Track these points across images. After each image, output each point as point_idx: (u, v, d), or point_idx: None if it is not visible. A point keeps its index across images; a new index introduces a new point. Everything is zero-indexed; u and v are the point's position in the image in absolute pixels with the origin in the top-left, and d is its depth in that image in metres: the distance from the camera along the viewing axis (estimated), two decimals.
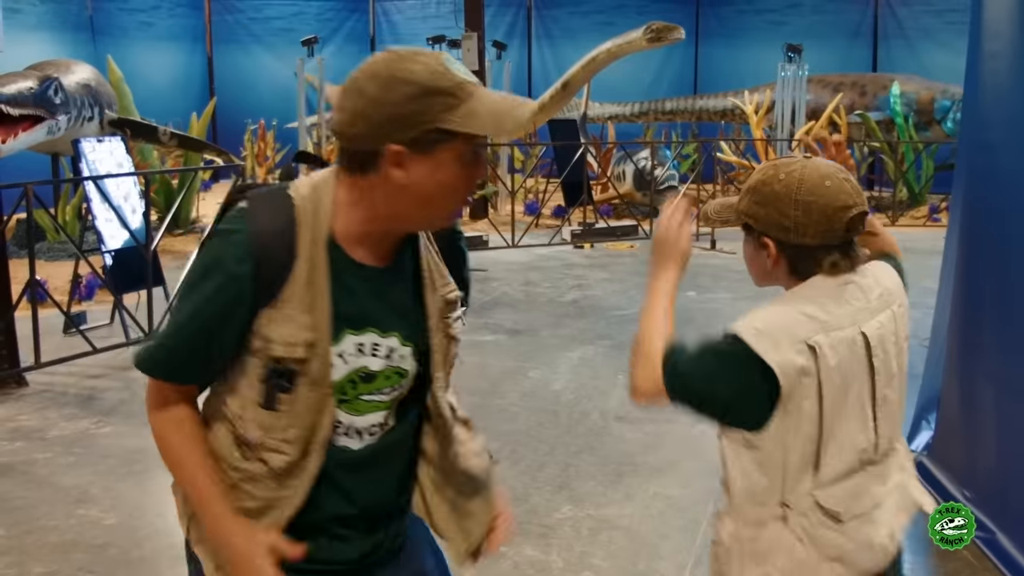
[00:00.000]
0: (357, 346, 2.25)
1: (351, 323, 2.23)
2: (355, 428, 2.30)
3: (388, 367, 2.30)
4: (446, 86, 2.07)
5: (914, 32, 20.54)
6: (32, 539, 5.15)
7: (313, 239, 2.19)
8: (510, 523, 2.67)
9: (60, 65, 13.75)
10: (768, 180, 2.47)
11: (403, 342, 2.30)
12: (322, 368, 2.21)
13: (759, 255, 2.52)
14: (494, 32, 19.87)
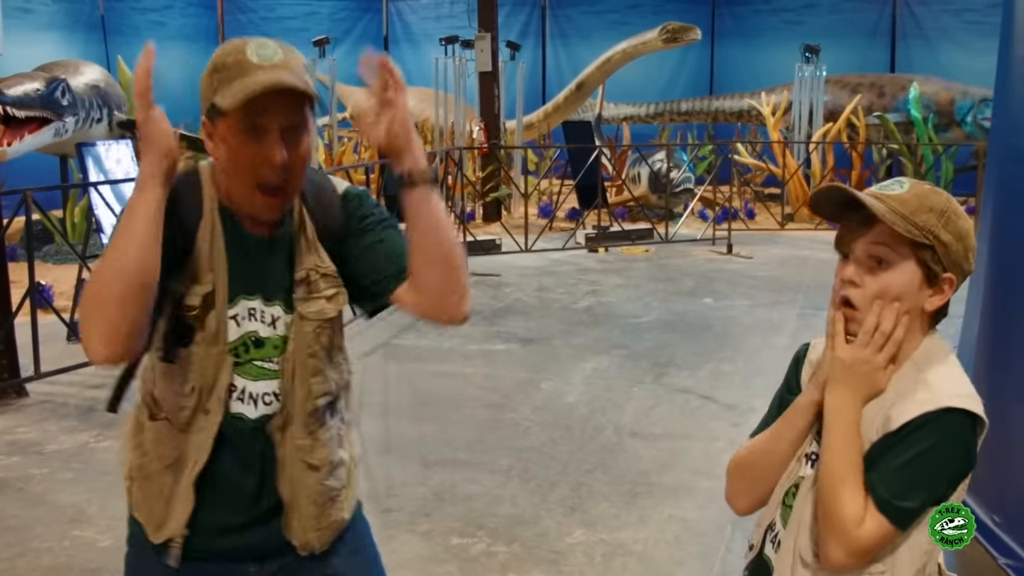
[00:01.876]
0: (249, 310, 2.41)
1: (244, 288, 2.40)
2: (249, 394, 2.43)
3: (275, 335, 2.43)
4: (226, 62, 2.28)
5: (933, 32, 20.30)
6: (24, 562, 4.99)
7: (211, 206, 2.41)
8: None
9: (68, 66, 13.62)
10: (958, 212, 2.14)
11: (286, 311, 2.43)
12: (217, 325, 2.37)
13: (922, 290, 2.14)
14: (508, 32, 19.70)
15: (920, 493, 2.07)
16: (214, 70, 2.30)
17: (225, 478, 2.44)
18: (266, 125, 2.27)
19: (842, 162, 17.12)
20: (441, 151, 14.04)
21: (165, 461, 2.45)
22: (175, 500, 2.45)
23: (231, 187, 2.37)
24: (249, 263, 2.42)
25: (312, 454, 2.48)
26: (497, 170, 15.79)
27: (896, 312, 2.13)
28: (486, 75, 15.87)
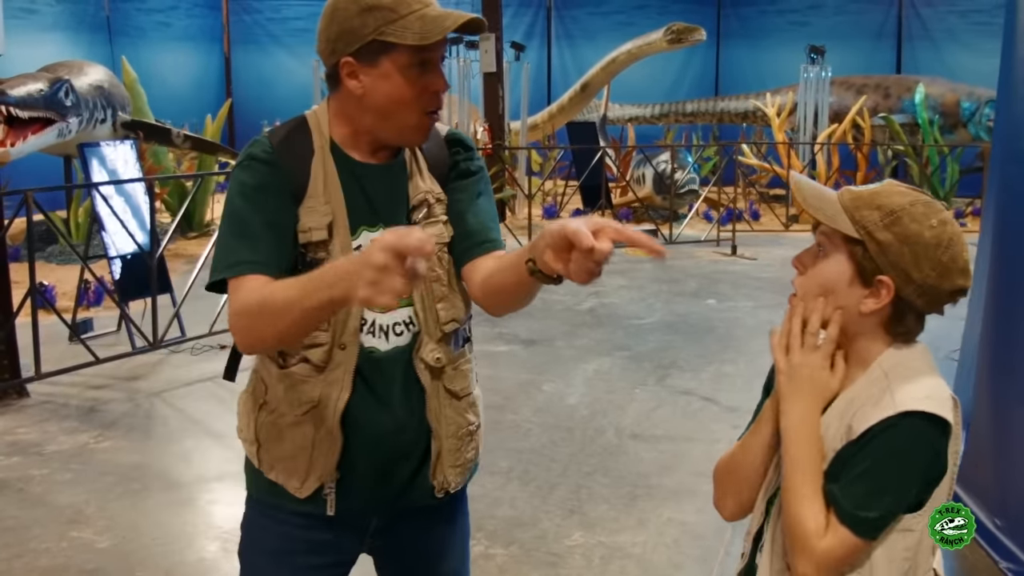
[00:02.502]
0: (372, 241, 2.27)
1: (365, 219, 2.45)
2: (380, 326, 2.45)
3: None
4: (385, 2, 2.33)
5: (939, 33, 20.28)
6: (21, 563, 4.97)
7: (321, 144, 2.46)
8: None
9: (72, 66, 13.61)
10: (917, 217, 2.05)
11: None
12: (342, 255, 2.36)
13: (853, 288, 2.09)
14: (513, 33, 19.69)
15: (883, 501, 2.02)
16: (366, 10, 2.33)
17: (368, 415, 2.45)
18: (433, 58, 2.39)
19: (847, 163, 17.10)
20: None
21: (301, 409, 2.45)
22: (319, 446, 2.45)
23: (382, 122, 2.42)
24: (367, 194, 2.46)
25: (453, 382, 2.53)
26: (501, 171, 15.78)
27: (820, 309, 2.11)
28: (490, 76, 15.86)
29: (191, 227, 14.35)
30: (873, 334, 2.12)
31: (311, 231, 2.40)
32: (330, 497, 2.49)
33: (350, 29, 2.35)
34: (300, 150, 2.45)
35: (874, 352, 2.12)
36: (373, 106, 2.39)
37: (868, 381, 2.10)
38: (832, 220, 2.09)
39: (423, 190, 2.51)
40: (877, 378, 2.09)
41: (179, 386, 7.70)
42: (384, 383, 2.46)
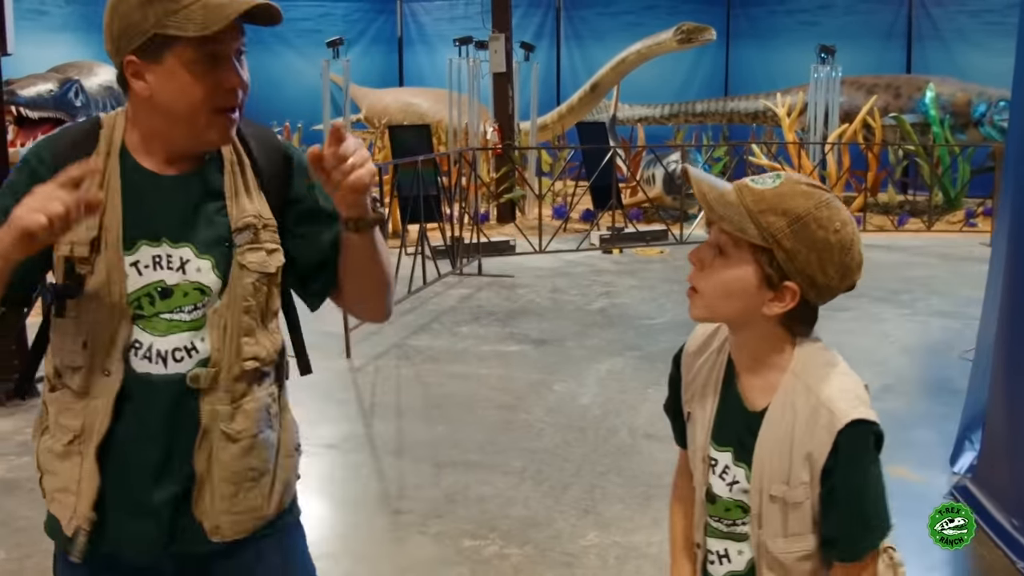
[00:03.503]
0: (153, 258, 2.23)
1: (146, 233, 2.23)
2: (157, 351, 2.24)
3: (184, 281, 2.24)
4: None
5: (949, 33, 20.19)
6: (33, 562, 4.95)
7: (109, 149, 2.25)
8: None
9: (82, 67, 13.66)
10: (824, 223, 2.05)
11: (198, 254, 2.25)
12: (110, 273, 2.20)
13: (759, 292, 2.09)
14: (523, 33, 19.66)
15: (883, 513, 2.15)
16: (147, 2, 2.11)
17: (133, 448, 2.24)
18: (224, 51, 2.17)
19: (858, 163, 17.06)
20: (455, 152, 14.00)
21: (67, 436, 2.27)
22: (82, 481, 2.26)
23: (172, 125, 2.21)
24: (152, 204, 2.24)
25: (231, 422, 2.28)
26: (511, 171, 15.75)
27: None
28: (500, 76, 15.83)
29: None
30: (776, 336, 2.15)
31: (72, 245, 2.19)
32: (79, 539, 2.27)
33: (131, 23, 2.13)
34: (79, 155, 2.18)
35: (782, 357, 2.16)
36: (161, 107, 2.18)
37: (786, 394, 2.14)
38: (739, 229, 2.07)
39: (249, 213, 2.30)
40: (791, 382, 2.14)
41: None
42: (159, 415, 2.24)
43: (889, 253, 13.77)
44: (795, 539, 2.14)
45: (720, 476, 2.23)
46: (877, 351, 8.57)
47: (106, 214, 2.20)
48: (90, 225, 2.18)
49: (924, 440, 6.48)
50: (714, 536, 2.27)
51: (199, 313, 2.25)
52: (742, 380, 2.21)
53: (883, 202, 17.24)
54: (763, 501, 2.15)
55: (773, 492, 2.13)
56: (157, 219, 2.24)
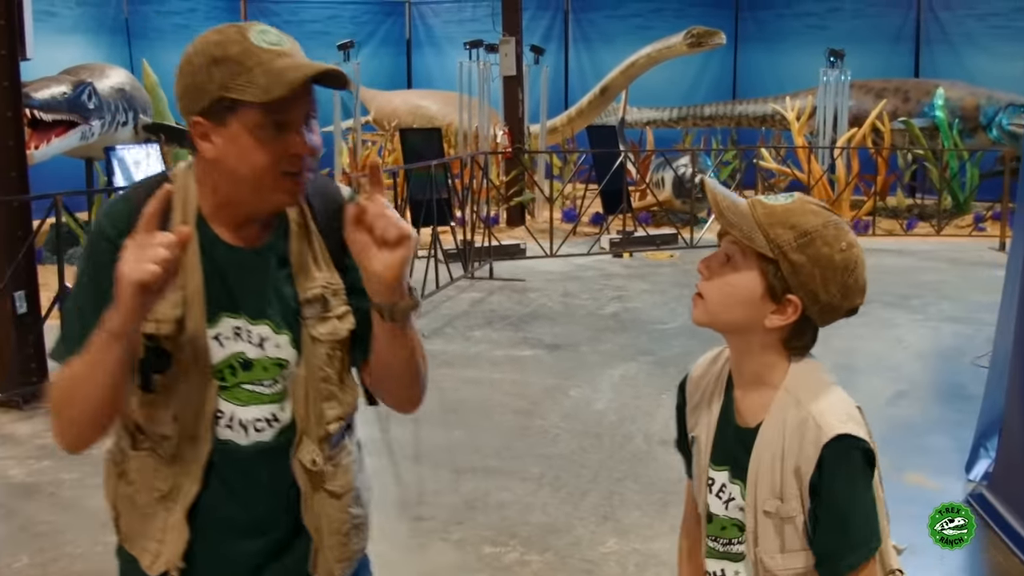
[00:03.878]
0: (234, 329, 2.21)
1: (226, 305, 2.20)
2: (239, 420, 2.24)
3: (264, 357, 2.23)
4: (232, 53, 2.06)
5: (957, 37, 20.18)
6: (57, 567, 4.99)
7: (184, 219, 2.18)
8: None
9: (94, 69, 13.68)
10: (829, 240, 2.11)
11: (276, 330, 2.23)
12: (196, 348, 2.18)
13: (763, 303, 2.14)
14: (531, 36, 19.67)
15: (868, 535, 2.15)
16: (213, 63, 2.06)
17: (221, 509, 2.27)
18: (290, 118, 2.11)
19: (867, 167, 17.05)
20: (466, 155, 14.02)
21: (154, 495, 2.27)
22: (168, 532, 2.28)
23: (238, 189, 2.16)
24: (231, 278, 2.22)
25: (334, 481, 2.33)
26: (521, 174, 15.77)
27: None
28: (510, 79, 15.84)
29: None
30: (774, 350, 2.19)
31: (158, 323, 2.14)
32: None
33: (197, 84, 2.08)
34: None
35: (777, 373, 2.19)
36: (227, 170, 2.13)
37: (779, 409, 2.17)
38: (748, 237, 2.13)
39: (319, 283, 2.26)
40: (783, 397, 2.17)
41: None
42: (244, 479, 2.27)
43: (899, 257, 13.79)
44: (792, 555, 2.17)
45: (717, 495, 2.27)
46: (889, 356, 8.59)
47: (188, 288, 2.17)
48: (173, 301, 2.15)
49: (939, 447, 6.49)
50: (711, 557, 2.30)
51: (279, 387, 2.26)
52: (738, 397, 2.25)
53: (892, 206, 17.25)
54: (758, 517, 2.18)
55: (767, 508, 2.16)
56: (235, 294, 2.22)
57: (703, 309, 2.20)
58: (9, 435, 6.84)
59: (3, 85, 7.29)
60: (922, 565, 4.86)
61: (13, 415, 7.19)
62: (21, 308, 7.35)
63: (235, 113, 2.08)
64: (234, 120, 2.08)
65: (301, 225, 2.28)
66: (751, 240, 2.12)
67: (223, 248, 2.21)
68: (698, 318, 2.23)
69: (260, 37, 2.09)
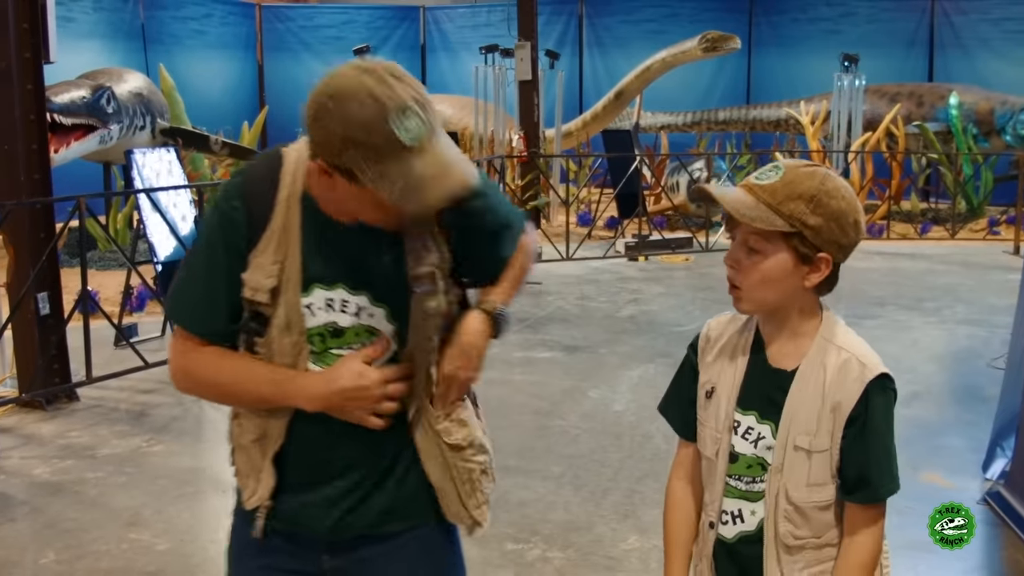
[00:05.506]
0: (327, 300, 2.37)
1: (321, 277, 2.36)
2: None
3: (357, 324, 2.39)
4: (371, 141, 2.09)
5: (971, 41, 20.20)
6: (83, 564, 5.03)
7: (291, 193, 2.35)
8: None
9: (112, 74, 13.76)
10: (832, 193, 2.27)
11: (374, 302, 2.38)
12: (290, 315, 2.35)
13: (797, 270, 2.30)
14: (545, 41, 19.70)
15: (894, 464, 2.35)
16: (353, 143, 2.11)
17: (307, 457, 2.44)
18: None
19: (881, 172, 17.08)
20: (482, 159, 14.06)
21: (252, 435, 2.47)
22: (262, 472, 2.47)
23: (351, 213, 2.31)
24: (330, 251, 2.36)
25: (451, 435, 2.47)
26: (536, 178, 15.81)
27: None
28: (526, 84, 15.88)
29: None
30: (809, 304, 2.39)
31: (254, 292, 2.34)
32: (259, 522, 2.49)
33: (328, 146, 2.14)
34: (264, 200, 2.35)
35: (811, 324, 2.39)
36: (343, 201, 2.27)
37: (818, 353, 2.35)
38: (767, 222, 2.28)
39: (431, 263, 2.37)
40: (828, 348, 2.35)
41: None
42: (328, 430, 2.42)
43: (913, 261, 13.81)
44: (816, 489, 2.34)
45: (743, 436, 2.42)
46: (905, 359, 8.60)
47: (287, 259, 2.35)
48: (269, 272, 2.34)
49: (955, 447, 6.52)
50: (731, 496, 2.44)
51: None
52: (773, 348, 2.41)
53: (906, 210, 17.26)
54: (787, 452, 2.34)
55: (798, 443, 2.32)
56: (334, 264, 2.37)
57: (746, 299, 2.36)
58: (33, 435, 6.90)
59: (27, 88, 7.35)
60: (939, 563, 4.90)
61: (37, 415, 7.24)
62: (44, 310, 7.40)
63: (355, 180, 2.16)
64: (353, 182, 2.17)
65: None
66: (772, 224, 2.27)
67: (326, 222, 2.35)
68: (745, 309, 2.39)
69: (402, 126, 2.11)
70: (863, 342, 2.37)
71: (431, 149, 2.14)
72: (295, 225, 2.34)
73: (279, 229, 2.34)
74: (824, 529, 2.35)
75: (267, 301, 2.34)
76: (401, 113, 2.10)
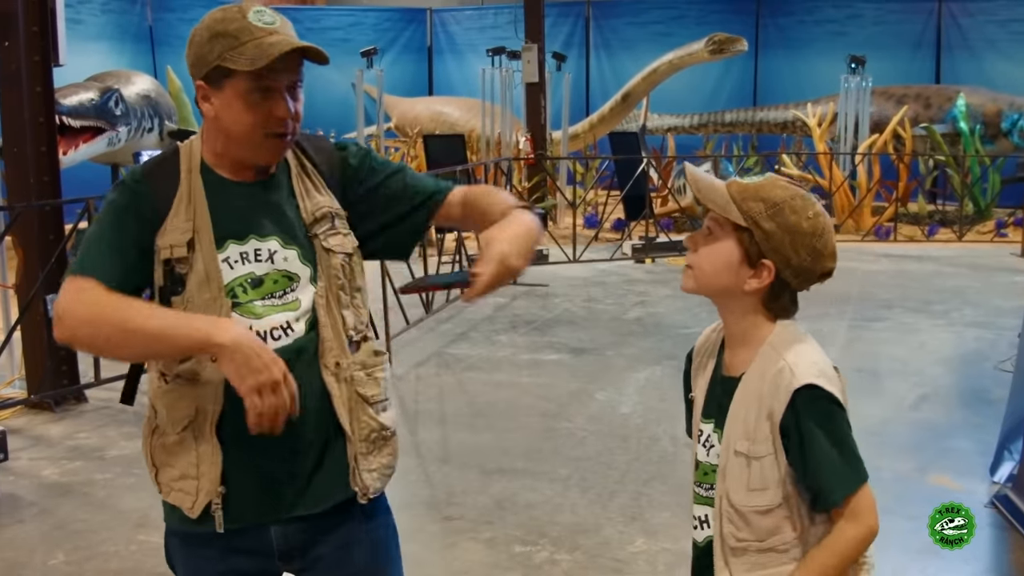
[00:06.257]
0: (241, 254, 2.49)
1: (233, 232, 2.50)
2: (256, 331, 2.45)
3: (273, 270, 2.51)
4: (230, 29, 2.42)
5: (978, 43, 20.15)
6: (92, 565, 5.05)
7: (191, 166, 2.54)
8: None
9: (121, 76, 13.78)
10: (797, 209, 2.35)
11: (284, 245, 2.52)
12: (208, 267, 2.45)
13: (741, 268, 2.37)
14: (552, 43, 19.73)
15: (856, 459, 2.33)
16: (214, 36, 2.42)
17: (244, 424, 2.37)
18: (275, 85, 2.44)
19: (888, 174, 17.04)
20: (489, 162, 14.07)
21: (180, 425, 2.47)
22: (202, 461, 2.47)
23: (232, 143, 2.50)
24: (235, 206, 2.52)
25: (365, 387, 2.58)
26: (543, 180, 15.82)
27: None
28: (533, 86, 15.89)
29: None
30: (757, 312, 2.41)
31: (172, 248, 2.45)
32: (217, 513, 2.48)
33: (200, 55, 2.45)
34: (166, 175, 2.52)
35: (761, 332, 2.41)
36: (223, 128, 2.48)
37: (763, 360, 2.37)
38: (723, 209, 2.37)
39: (323, 205, 2.59)
40: (770, 356, 2.37)
41: None
42: None
43: (920, 263, 13.80)
44: (757, 494, 2.36)
45: (703, 444, 2.50)
46: (913, 361, 8.61)
47: (197, 217, 2.49)
48: (184, 228, 2.47)
49: (963, 449, 6.51)
50: (698, 503, 2.52)
51: (290, 297, 2.52)
52: (727, 354, 2.48)
53: (913, 212, 17.23)
54: (729, 457, 2.38)
55: (738, 448, 2.37)
56: (242, 219, 2.53)
57: (692, 277, 2.45)
58: (42, 436, 6.92)
59: (36, 91, 7.38)
60: (947, 567, 4.91)
61: (46, 416, 7.27)
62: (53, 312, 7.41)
63: (229, 79, 2.43)
64: (228, 86, 2.44)
65: (299, 165, 2.64)
66: (726, 212, 2.37)
67: (227, 183, 2.55)
68: (687, 285, 2.48)
69: (256, 17, 2.44)
70: (811, 351, 2.38)
71: (283, 32, 2.45)
72: (199, 190, 2.51)
73: (185, 196, 2.50)
74: (766, 534, 2.37)
75: (185, 255, 2.45)
76: (257, 10, 2.45)
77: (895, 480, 5.86)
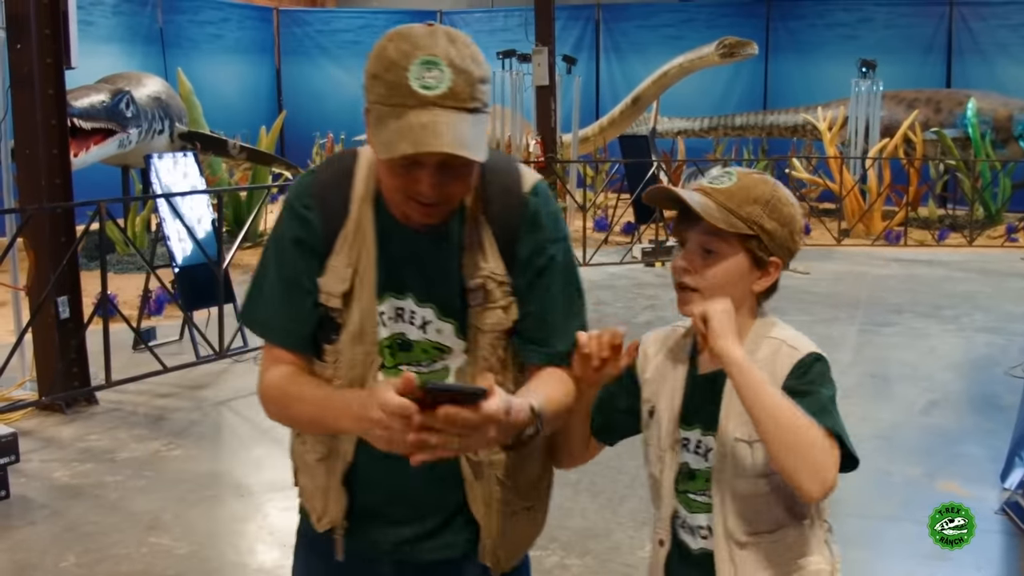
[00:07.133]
0: (396, 310, 2.27)
1: (392, 286, 2.26)
2: None
3: (424, 340, 2.28)
4: (387, 79, 2.04)
5: (989, 47, 20.13)
6: (103, 568, 5.05)
7: (366, 191, 2.25)
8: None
9: (131, 78, 13.80)
10: (783, 199, 2.34)
11: (441, 316, 2.27)
12: (363, 322, 2.25)
13: (751, 273, 2.33)
14: (562, 46, 19.72)
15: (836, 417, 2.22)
16: (373, 76, 2.07)
17: (376, 481, 2.32)
18: (421, 161, 2.07)
19: (899, 178, 17.03)
20: None
21: (317, 454, 2.37)
22: (331, 493, 2.37)
23: (383, 188, 2.21)
24: (402, 259, 2.25)
25: (502, 468, 2.37)
26: (553, 183, 15.82)
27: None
28: (543, 89, 15.90)
29: (246, 237, 14.46)
30: (752, 305, 2.38)
31: (328, 296, 2.25)
32: (338, 540, 2.40)
33: (364, 82, 2.11)
34: (337, 201, 2.26)
35: (749, 322, 2.37)
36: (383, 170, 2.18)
37: (751, 345, 2.32)
38: (729, 224, 2.29)
39: (483, 273, 2.26)
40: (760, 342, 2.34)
41: (245, 395, 7.75)
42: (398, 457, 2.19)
43: (930, 268, 13.78)
44: (764, 480, 2.29)
45: (694, 452, 2.38)
46: (923, 366, 8.59)
47: (360, 263, 2.24)
48: (343, 277, 2.24)
49: (973, 455, 6.50)
50: (700, 511, 2.38)
51: (438, 366, 2.30)
52: (706, 356, 2.37)
53: (924, 217, 17.22)
54: (730, 448, 2.31)
55: (738, 435, 2.30)
56: (404, 275, 2.26)
57: (700, 301, 2.30)
58: (53, 438, 6.93)
59: (48, 93, 7.39)
60: (957, 572, 4.91)
61: (56, 418, 7.28)
62: (64, 314, 7.43)
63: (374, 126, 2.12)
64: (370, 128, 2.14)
65: (474, 214, 2.28)
66: (733, 226, 2.29)
67: (396, 226, 2.23)
68: (695, 311, 2.32)
69: (419, 72, 2.03)
70: (799, 333, 2.36)
71: (439, 110, 2.03)
72: (369, 226, 2.24)
73: (352, 230, 2.25)
74: (775, 524, 2.31)
75: (340, 307, 2.25)
76: (426, 63, 2.03)
77: (904, 485, 5.87)
